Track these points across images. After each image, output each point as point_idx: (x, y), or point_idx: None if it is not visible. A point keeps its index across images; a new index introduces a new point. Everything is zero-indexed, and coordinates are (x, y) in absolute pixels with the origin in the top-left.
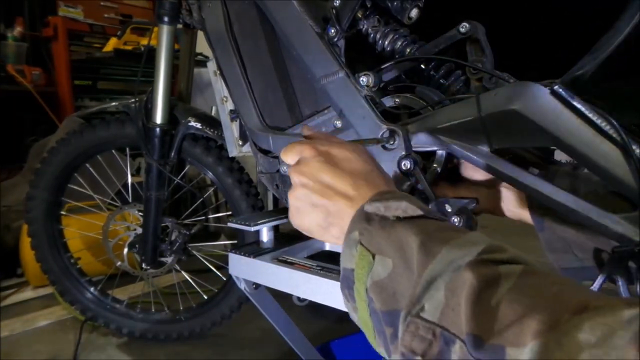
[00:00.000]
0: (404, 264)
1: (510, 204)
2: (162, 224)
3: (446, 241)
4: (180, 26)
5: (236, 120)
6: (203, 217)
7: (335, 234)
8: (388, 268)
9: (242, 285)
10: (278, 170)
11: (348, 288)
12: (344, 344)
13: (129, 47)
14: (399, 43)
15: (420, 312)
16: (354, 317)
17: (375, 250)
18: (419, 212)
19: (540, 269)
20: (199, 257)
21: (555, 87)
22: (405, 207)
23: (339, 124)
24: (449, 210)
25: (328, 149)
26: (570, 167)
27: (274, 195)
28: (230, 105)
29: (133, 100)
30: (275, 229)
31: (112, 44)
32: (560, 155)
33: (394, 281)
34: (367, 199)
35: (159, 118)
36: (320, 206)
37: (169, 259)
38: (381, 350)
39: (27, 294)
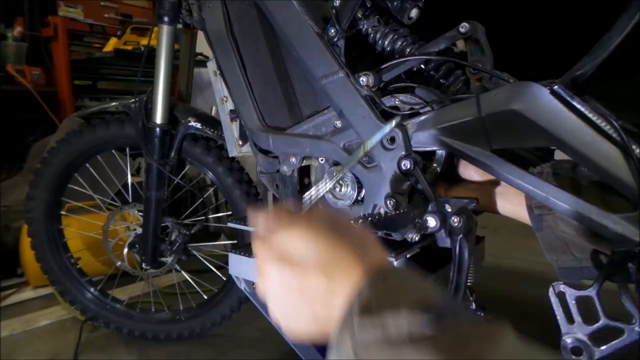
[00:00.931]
0: None
1: (509, 204)
2: (162, 224)
3: None
4: (180, 26)
5: (236, 120)
6: (203, 217)
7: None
8: None
9: (242, 285)
10: (278, 170)
11: None
12: None
13: (129, 47)
14: (399, 43)
15: None
16: None
17: None
18: (429, 333)
19: None
20: (199, 257)
21: (555, 87)
22: (408, 328)
23: (338, 124)
24: (449, 210)
25: (281, 252)
26: (571, 163)
27: (274, 195)
28: (230, 105)
29: (133, 100)
30: None
31: (112, 44)
32: (560, 155)
33: None
34: (347, 294)
35: (159, 118)
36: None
37: (169, 259)
38: None
39: (27, 294)
